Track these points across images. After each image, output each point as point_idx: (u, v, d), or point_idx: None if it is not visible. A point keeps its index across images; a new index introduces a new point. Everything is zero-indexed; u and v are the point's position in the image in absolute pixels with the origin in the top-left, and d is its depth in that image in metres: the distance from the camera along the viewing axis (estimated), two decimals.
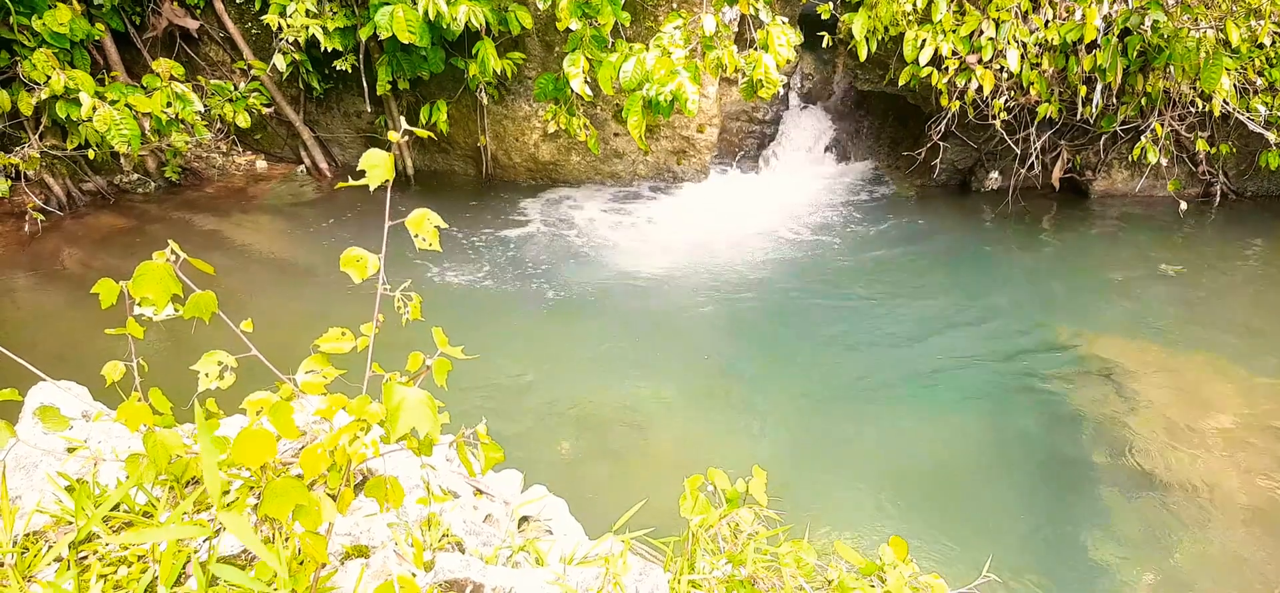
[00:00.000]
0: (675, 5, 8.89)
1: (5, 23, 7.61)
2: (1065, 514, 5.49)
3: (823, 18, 9.07)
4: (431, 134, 6.77)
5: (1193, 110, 9.02)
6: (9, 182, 8.34)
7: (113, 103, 8.10)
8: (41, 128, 8.47)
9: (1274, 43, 8.58)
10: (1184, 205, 9.69)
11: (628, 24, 8.40)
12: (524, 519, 3.28)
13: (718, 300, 8.05)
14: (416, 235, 2.41)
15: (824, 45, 9.18)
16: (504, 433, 2.34)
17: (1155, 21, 8.18)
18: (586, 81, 7.95)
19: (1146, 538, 5.31)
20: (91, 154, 8.55)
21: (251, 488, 2.16)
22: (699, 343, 7.36)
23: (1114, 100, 9.06)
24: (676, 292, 8.11)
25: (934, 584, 2.85)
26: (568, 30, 7.84)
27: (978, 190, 10.50)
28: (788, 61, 8.05)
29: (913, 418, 6.45)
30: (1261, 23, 8.30)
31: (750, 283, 8.36)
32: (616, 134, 9.80)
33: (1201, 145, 9.34)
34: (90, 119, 7.95)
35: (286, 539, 2.06)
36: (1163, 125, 9.10)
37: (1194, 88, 8.70)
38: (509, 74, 9.02)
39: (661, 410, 6.33)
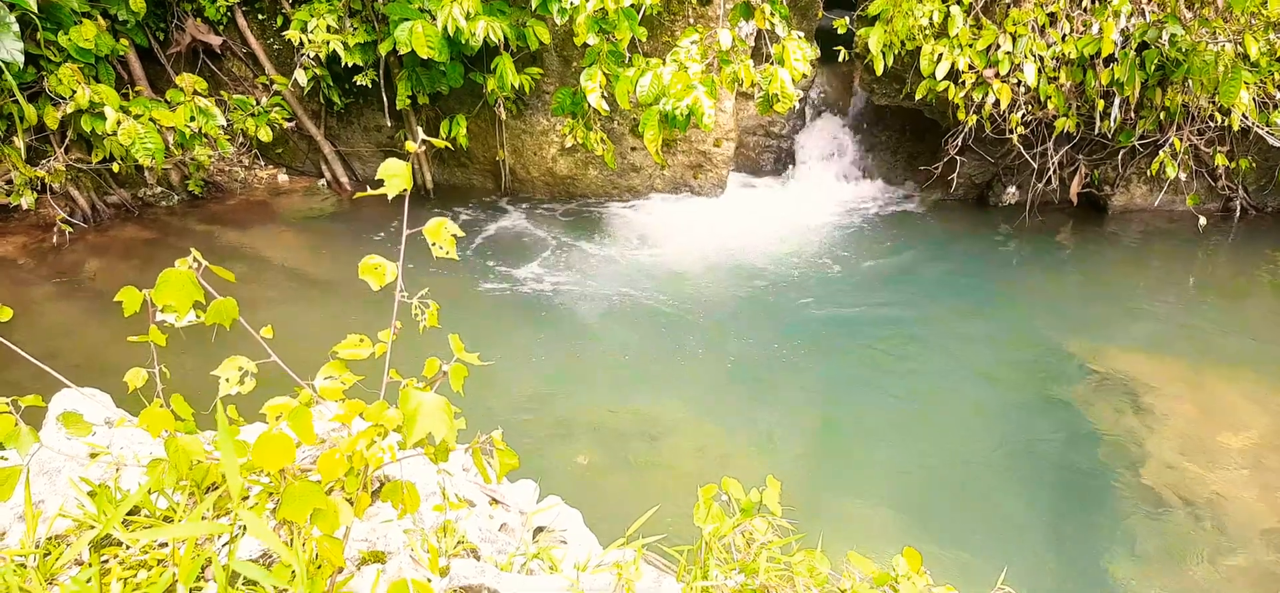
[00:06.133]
0: (692, 20, 8.93)
1: (32, 38, 7.73)
2: (1083, 529, 5.46)
3: (839, 32, 9.09)
4: (449, 146, 6.84)
5: (1212, 125, 8.98)
6: (35, 194, 8.45)
7: (137, 117, 8.21)
8: (67, 141, 8.59)
9: None
10: (1203, 221, 9.64)
11: (644, 39, 8.46)
12: (539, 529, 3.30)
13: (733, 313, 8.06)
14: (433, 244, 2.45)
15: (840, 59, 9.20)
16: (520, 443, 2.39)
17: (1173, 35, 8.15)
18: (603, 96, 8.00)
19: (1165, 554, 5.27)
20: (116, 167, 8.66)
21: (270, 493, 2.19)
22: (713, 354, 7.37)
23: (1132, 114, 9.03)
24: (692, 304, 8.12)
25: None
26: (585, 45, 7.90)
27: (995, 205, 10.47)
28: (804, 76, 8.08)
29: (928, 430, 6.44)
30: None
31: (766, 296, 8.37)
32: (634, 148, 9.84)
33: (1221, 160, 9.29)
34: (115, 133, 8.06)
35: (304, 543, 2.09)
36: (1181, 140, 9.06)
37: (1213, 102, 8.65)
38: (527, 89, 9.08)
39: (677, 422, 6.34)
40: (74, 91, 7.93)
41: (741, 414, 6.57)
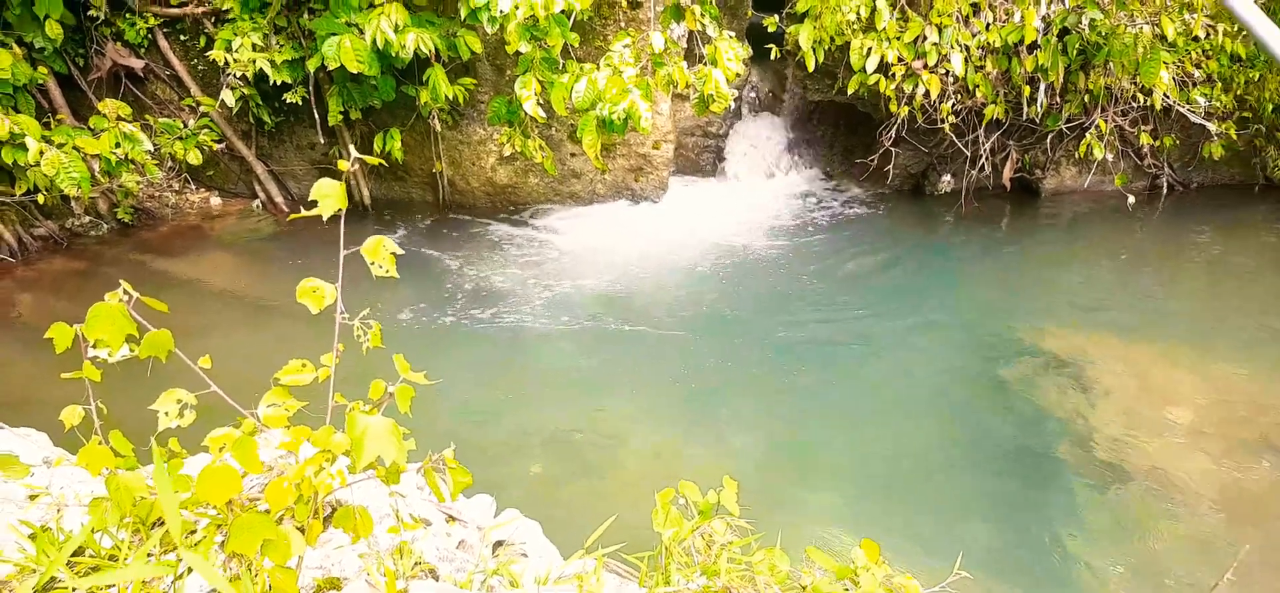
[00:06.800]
0: (623, 24, 8.94)
1: None
2: (1034, 508, 5.56)
3: (770, 29, 9.15)
4: (384, 162, 6.78)
5: (1135, 105, 9.23)
6: None
7: (60, 146, 7.97)
8: None
9: (1208, 35, 8.80)
10: (1132, 199, 9.89)
11: (577, 45, 8.43)
12: (498, 544, 3.27)
13: (680, 315, 8.07)
14: (373, 263, 2.41)
15: (772, 57, 9.28)
16: (473, 459, 2.36)
17: (1092, 20, 8.36)
18: (539, 103, 7.96)
19: (1114, 527, 5.40)
20: (41, 199, 8.39)
21: (218, 525, 2.13)
22: (663, 358, 7.38)
23: (1058, 99, 9.24)
24: (639, 308, 8.12)
25: (907, 585, 2.87)
26: (518, 53, 7.85)
27: (931, 194, 10.64)
28: (737, 75, 8.12)
29: (877, 421, 6.51)
30: (1195, 16, 8.51)
31: (712, 296, 8.40)
32: (573, 154, 9.81)
33: (1145, 139, 9.54)
34: (38, 163, 7.81)
35: (256, 575, 2.04)
36: (1106, 121, 9.28)
37: (1134, 83, 8.89)
38: (461, 99, 9.00)
39: (630, 428, 6.33)
40: None
41: (694, 417, 6.58)
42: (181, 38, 9.34)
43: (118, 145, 8.38)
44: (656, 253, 9.27)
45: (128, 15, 9.05)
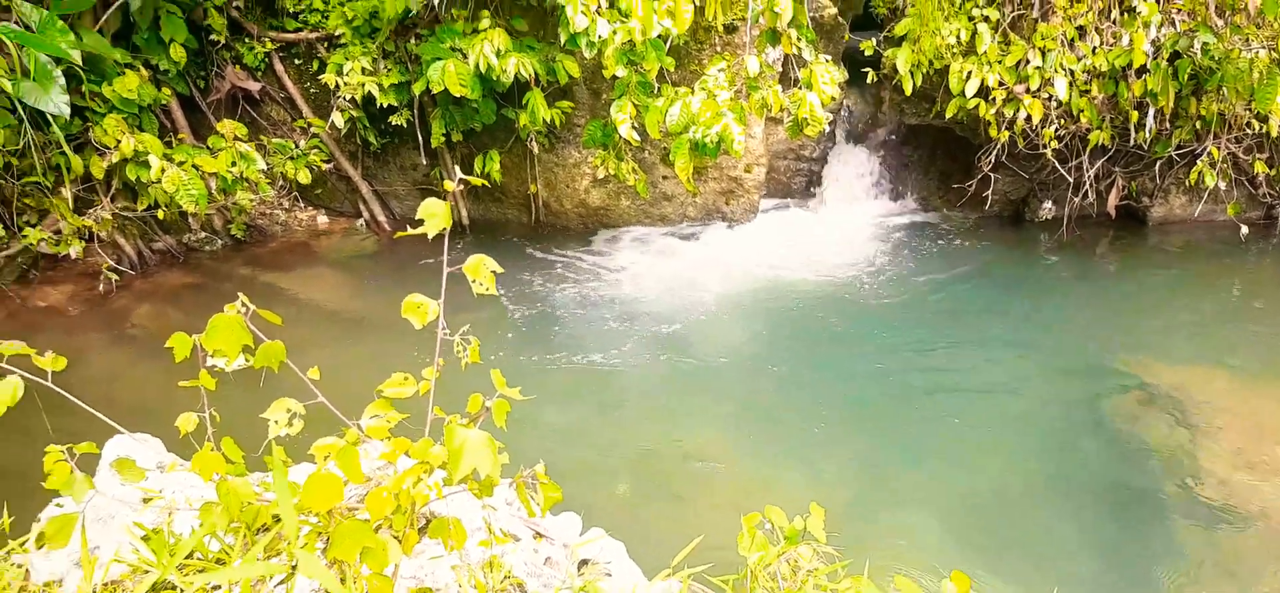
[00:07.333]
0: (718, 48, 8.98)
1: (77, 90, 7.93)
2: (1134, 547, 5.38)
3: (866, 53, 9.08)
4: (485, 182, 6.95)
5: (1249, 132, 8.87)
6: (83, 243, 8.63)
7: (180, 164, 8.38)
8: (113, 190, 8.78)
9: None
10: (1245, 229, 9.49)
11: (672, 69, 8.51)
12: (583, 562, 3.31)
13: (770, 339, 8.04)
14: (474, 281, 2.49)
15: (868, 81, 9.19)
16: (558, 478, 2.40)
17: (1205, 44, 8.08)
18: (634, 127, 8.05)
19: (1218, 570, 5.18)
20: (161, 214, 8.83)
21: (319, 532, 2.23)
22: (753, 382, 7.36)
23: (1167, 125, 8.94)
24: (729, 332, 8.12)
25: None
26: (614, 78, 7.96)
27: (1032, 221, 10.39)
28: (832, 99, 8.08)
29: (972, 451, 6.37)
30: None
31: (803, 320, 8.34)
32: (665, 177, 9.88)
33: (1260, 167, 9.17)
34: (159, 180, 8.23)
35: (354, 582, 2.13)
36: (1219, 148, 8.95)
37: (1249, 109, 8.56)
38: (558, 122, 9.16)
39: (715, 453, 6.32)
40: (118, 141, 8.11)
41: (781, 442, 6.54)
42: (296, 61, 9.74)
43: (234, 164, 8.77)
44: (746, 277, 9.25)
45: (247, 40, 9.49)
